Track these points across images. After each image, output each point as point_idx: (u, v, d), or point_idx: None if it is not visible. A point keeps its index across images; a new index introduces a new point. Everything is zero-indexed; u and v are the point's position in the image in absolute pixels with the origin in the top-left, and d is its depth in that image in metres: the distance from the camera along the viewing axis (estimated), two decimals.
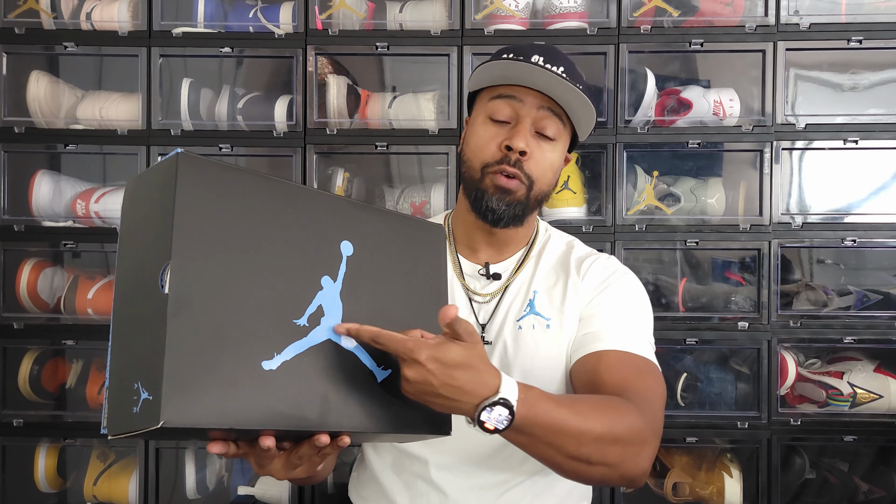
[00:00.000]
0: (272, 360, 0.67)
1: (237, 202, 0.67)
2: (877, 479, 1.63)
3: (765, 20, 1.54)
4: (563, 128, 1.02)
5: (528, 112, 1.00)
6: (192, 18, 1.61)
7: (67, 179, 1.68)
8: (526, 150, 0.98)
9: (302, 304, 0.71)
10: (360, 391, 0.74)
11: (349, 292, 0.75)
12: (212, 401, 0.61)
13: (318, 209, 0.74)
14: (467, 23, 1.56)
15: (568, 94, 0.99)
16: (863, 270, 1.74)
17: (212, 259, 0.64)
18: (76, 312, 1.62)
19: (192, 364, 0.61)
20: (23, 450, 1.65)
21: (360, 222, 0.78)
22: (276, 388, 0.66)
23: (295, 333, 0.69)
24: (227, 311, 0.64)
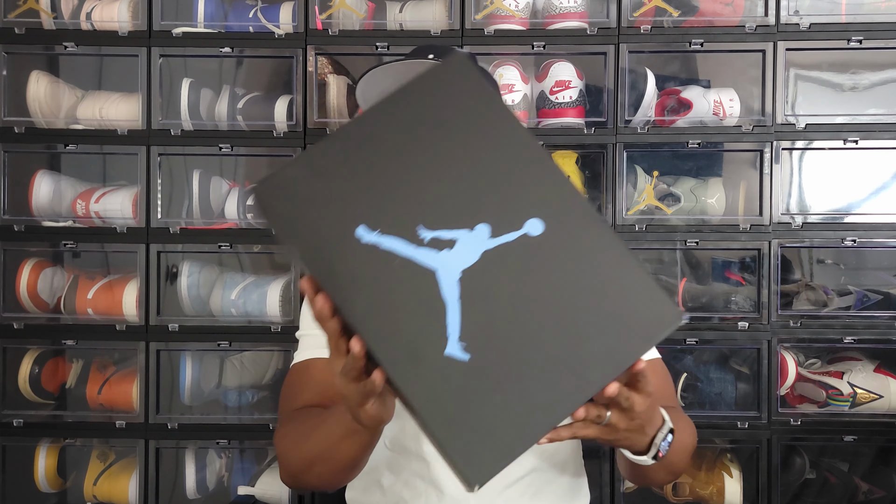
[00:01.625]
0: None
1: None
2: (877, 479, 1.63)
3: (765, 20, 1.54)
4: None
5: None
6: (192, 18, 1.61)
7: (67, 179, 1.68)
8: None
9: (440, 222, 0.64)
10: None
11: (501, 265, 0.63)
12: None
13: (528, 167, 0.67)
14: (467, 23, 1.56)
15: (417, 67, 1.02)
16: (863, 270, 1.74)
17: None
18: (76, 312, 1.62)
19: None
20: (23, 450, 1.65)
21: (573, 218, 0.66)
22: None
23: (411, 236, 0.64)
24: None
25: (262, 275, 1.67)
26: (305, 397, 0.96)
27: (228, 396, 1.68)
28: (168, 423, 1.59)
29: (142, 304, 1.59)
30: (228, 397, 1.68)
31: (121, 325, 1.59)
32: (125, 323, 1.59)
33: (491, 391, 0.60)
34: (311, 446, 0.87)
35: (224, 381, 1.67)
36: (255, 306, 1.60)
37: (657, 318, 0.63)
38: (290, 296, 1.60)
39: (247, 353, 1.68)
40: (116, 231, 1.59)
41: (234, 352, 1.66)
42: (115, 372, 1.66)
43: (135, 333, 1.59)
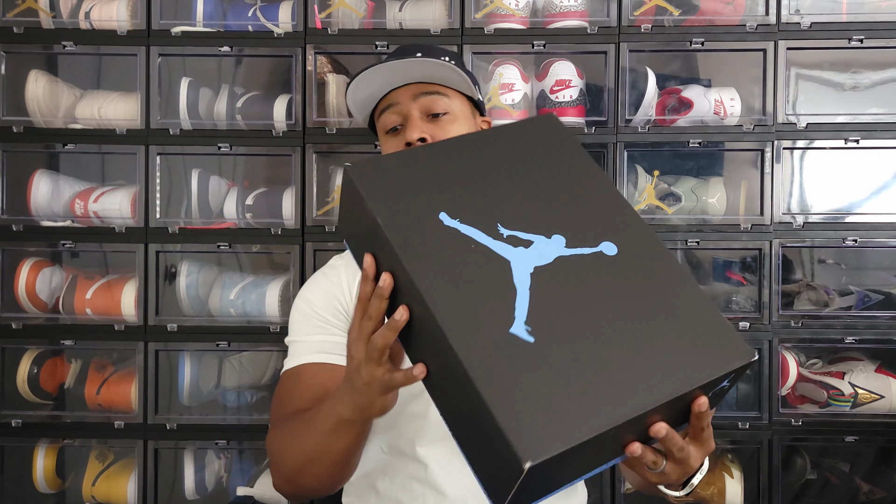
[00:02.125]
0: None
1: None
2: (878, 479, 1.62)
3: (766, 19, 1.54)
4: (449, 100, 1.06)
5: (409, 106, 1.04)
6: (190, 17, 1.61)
7: (66, 179, 1.68)
8: (423, 136, 1.02)
9: (519, 224, 0.68)
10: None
11: (575, 271, 0.66)
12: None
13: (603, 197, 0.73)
14: (467, 22, 1.56)
15: (423, 67, 1.03)
16: (864, 270, 1.73)
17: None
18: (75, 312, 1.61)
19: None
20: (21, 450, 1.64)
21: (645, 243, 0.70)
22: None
23: (490, 230, 0.67)
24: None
25: (260, 275, 1.66)
26: (298, 403, 0.95)
27: (227, 397, 1.68)
28: (167, 423, 1.58)
29: (140, 304, 1.59)
30: (227, 398, 1.68)
31: (119, 325, 1.58)
32: (124, 323, 1.59)
33: (554, 375, 0.60)
34: (303, 444, 0.86)
35: (223, 382, 1.67)
36: (254, 306, 1.60)
37: (730, 350, 0.65)
38: (288, 296, 1.60)
39: (245, 353, 1.67)
40: (115, 231, 1.59)
41: (232, 352, 1.65)
42: (113, 372, 1.65)
43: (133, 333, 1.58)
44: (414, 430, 1.01)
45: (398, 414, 1.01)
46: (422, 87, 1.05)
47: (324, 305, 1.02)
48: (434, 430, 1.00)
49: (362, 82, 1.05)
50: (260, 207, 1.62)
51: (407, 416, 1.01)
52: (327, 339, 1.00)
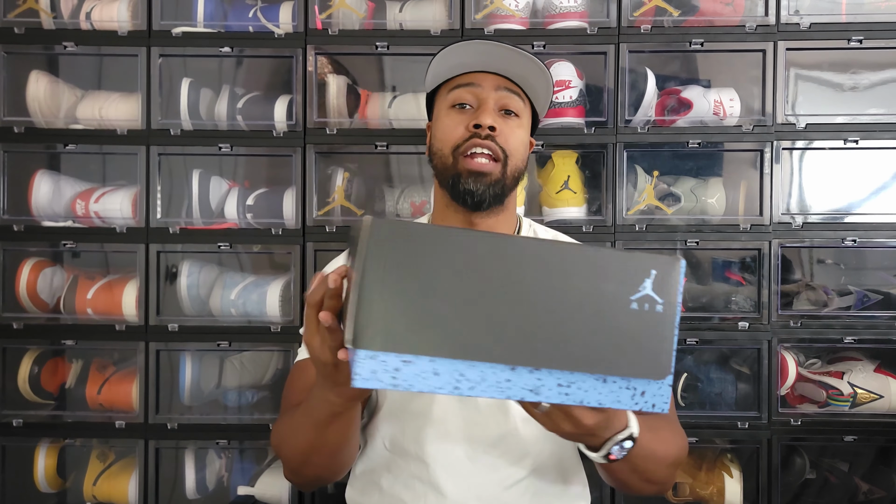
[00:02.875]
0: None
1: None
2: (877, 479, 1.63)
3: (765, 20, 1.54)
4: (523, 105, 1.05)
5: (488, 94, 1.02)
6: (191, 18, 1.61)
7: (67, 179, 1.68)
8: (494, 125, 1.00)
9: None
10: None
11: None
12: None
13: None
14: (467, 22, 1.56)
15: (522, 64, 1.01)
16: (863, 270, 1.74)
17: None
18: (76, 312, 1.62)
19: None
20: (22, 450, 1.65)
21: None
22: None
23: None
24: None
25: (261, 275, 1.67)
26: (301, 396, 0.96)
27: (228, 396, 1.68)
28: (168, 423, 1.58)
29: (141, 304, 1.59)
30: (228, 397, 1.68)
31: (120, 325, 1.59)
32: (125, 323, 1.59)
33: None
34: (301, 438, 0.88)
35: (224, 382, 1.67)
36: (255, 306, 1.60)
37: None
38: (289, 296, 1.60)
39: (246, 353, 1.67)
40: (116, 231, 1.59)
41: (233, 352, 1.65)
42: (114, 372, 1.66)
43: (134, 333, 1.59)
44: (416, 429, 1.01)
45: (400, 412, 1.02)
46: (506, 83, 1.03)
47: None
48: (437, 428, 1.00)
49: (465, 49, 1.01)
50: (260, 208, 1.62)
51: (409, 414, 1.02)
52: None
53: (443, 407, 1.01)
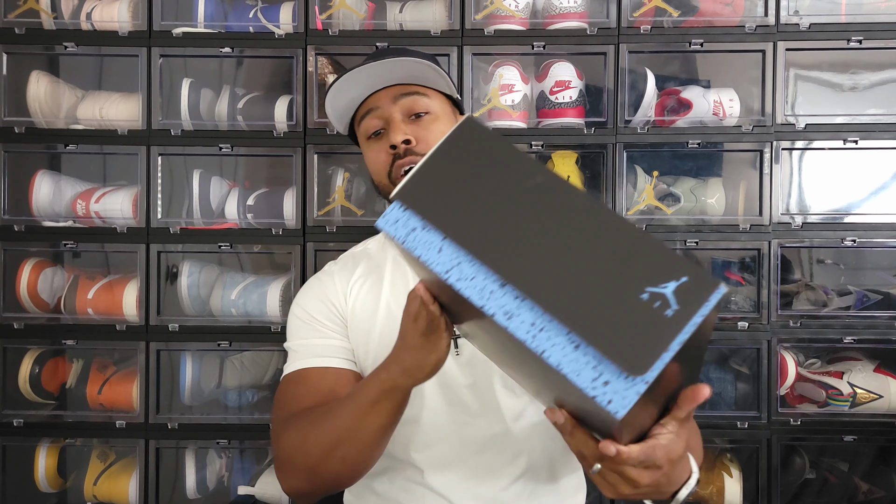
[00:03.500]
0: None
1: None
2: (876, 478, 1.63)
3: (765, 20, 1.54)
4: (429, 99, 1.05)
5: (389, 109, 1.03)
6: (192, 18, 1.61)
7: (67, 179, 1.68)
8: (407, 137, 1.01)
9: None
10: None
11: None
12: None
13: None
14: (467, 23, 1.56)
15: (404, 67, 1.02)
16: (862, 270, 1.74)
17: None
18: (76, 312, 1.62)
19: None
20: (23, 450, 1.65)
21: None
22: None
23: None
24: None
25: (262, 275, 1.67)
26: (305, 404, 0.94)
27: (228, 396, 1.68)
28: (168, 423, 1.59)
29: (142, 304, 1.59)
30: (228, 397, 1.68)
31: (121, 325, 1.59)
32: (125, 323, 1.59)
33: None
34: (335, 425, 0.85)
35: (224, 381, 1.67)
36: (255, 306, 1.60)
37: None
38: (289, 296, 1.60)
39: (247, 353, 1.68)
40: (116, 231, 1.59)
41: (234, 352, 1.66)
42: (115, 372, 1.66)
43: (135, 333, 1.59)
44: (407, 435, 1.01)
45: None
46: (402, 89, 1.03)
47: (320, 310, 1.03)
48: (427, 434, 1.00)
49: (344, 86, 1.02)
50: (261, 208, 1.62)
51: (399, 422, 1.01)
52: (326, 342, 1.01)
53: (432, 412, 1.00)
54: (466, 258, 0.60)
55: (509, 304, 0.58)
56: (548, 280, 0.57)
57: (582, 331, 0.55)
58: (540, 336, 0.57)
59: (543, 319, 0.57)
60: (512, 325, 0.58)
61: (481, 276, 0.60)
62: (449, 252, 0.61)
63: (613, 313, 0.56)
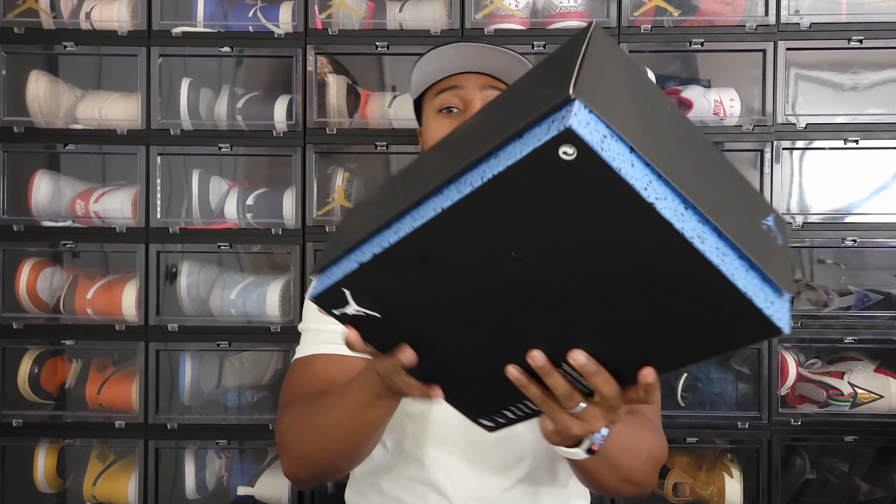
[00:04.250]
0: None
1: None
2: (877, 479, 1.63)
3: (765, 20, 1.54)
4: None
5: (474, 94, 1.01)
6: (191, 18, 1.61)
7: (67, 179, 1.68)
8: None
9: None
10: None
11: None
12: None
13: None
14: (467, 22, 1.56)
15: (503, 60, 1.01)
16: (863, 270, 1.74)
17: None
18: (76, 312, 1.61)
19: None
20: (22, 450, 1.65)
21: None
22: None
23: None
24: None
25: (261, 275, 1.67)
26: (307, 391, 0.94)
27: (228, 397, 1.68)
28: (167, 423, 1.58)
29: (141, 304, 1.59)
30: (228, 397, 1.68)
31: (120, 325, 1.59)
32: (124, 323, 1.59)
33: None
34: (329, 419, 0.85)
35: (223, 382, 1.67)
36: (255, 306, 1.60)
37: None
38: (289, 296, 1.60)
39: (246, 353, 1.67)
40: (116, 231, 1.59)
41: (233, 352, 1.65)
42: (114, 372, 1.65)
43: (134, 333, 1.59)
44: (416, 431, 1.01)
45: (400, 414, 1.02)
46: (491, 81, 1.02)
47: None
48: (436, 430, 1.00)
49: (445, 52, 1.01)
50: (260, 207, 1.62)
51: (408, 416, 1.01)
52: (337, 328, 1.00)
53: (442, 409, 1.00)
54: (654, 175, 0.51)
55: (697, 228, 0.52)
56: (716, 204, 0.53)
57: (752, 254, 0.53)
58: (725, 260, 0.52)
59: (723, 244, 0.53)
60: (705, 248, 0.51)
61: (670, 197, 0.51)
62: (640, 167, 0.50)
63: (761, 239, 0.55)
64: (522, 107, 0.50)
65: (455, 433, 1.00)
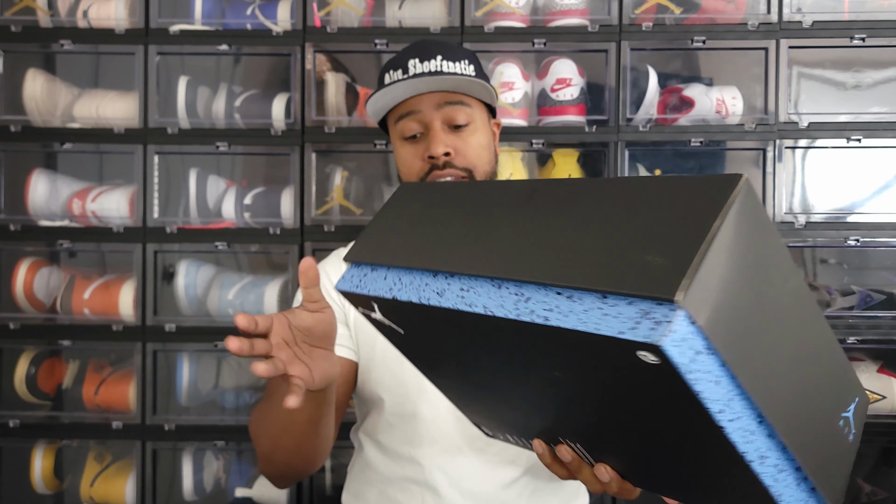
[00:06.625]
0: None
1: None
2: (880, 480, 1.62)
3: (767, 18, 1.53)
4: (471, 109, 1.04)
5: (431, 116, 1.02)
6: (189, 16, 1.60)
7: (64, 178, 1.67)
8: (448, 150, 1.00)
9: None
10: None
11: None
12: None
13: None
14: (467, 20, 1.55)
15: (454, 83, 1.01)
16: (866, 270, 1.73)
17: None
18: (72, 312, 1.60)
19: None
20: (19, 451, 1.64)
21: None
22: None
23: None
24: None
25: (259, 275, 1.65)
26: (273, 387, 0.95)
27: (226, 397, 1.67)
28: (165, 424, 1.57)
29: (138, 304, 1.58)
30: (226, 398, 1.67)
31: (117, 325, 1.58)
32: (122, 323, 1.58)
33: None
34: (274, 419, 0.86)
35: (221, 382, 1.66)
36: (253, 306, 1.59)
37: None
38: (287, 296, 1.59)
39: None
40: (113, 230, 1.58)
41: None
42: (111, 373, 1.64)
43: (131, 334, 1.58)
44: (408, 432, 1.00)
45: (393, 415, 1.01)
46: (446, 97, 1.02)
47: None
48: (429, 430, 1.00)
49: (389, 91, 1.01)
50: (258, 207, 1.61)
51: (399, 417, 1.01)
52: None
53: (433, 408, 1.00)
54: (737, 392, 0.46)
55: (763, 446, 0.49)
56: (794, 412, 0.49)
57: (811, 471, 0.51)
58: (780, 478, 0.50)
59: (784, 459, 0.50)
60: (762, 469, 0.49)
61: (746, 415, 0.47)
62: (726, 385, 0.45)
63: (830, 442, 0.52)
64: (628, 256, 0.43)
65: (451, 431, 0.99)
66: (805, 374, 0.50)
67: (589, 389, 0.51)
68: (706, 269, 0.41)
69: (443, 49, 1.04)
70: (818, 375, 0.52)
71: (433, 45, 1.04)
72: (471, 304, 0.50)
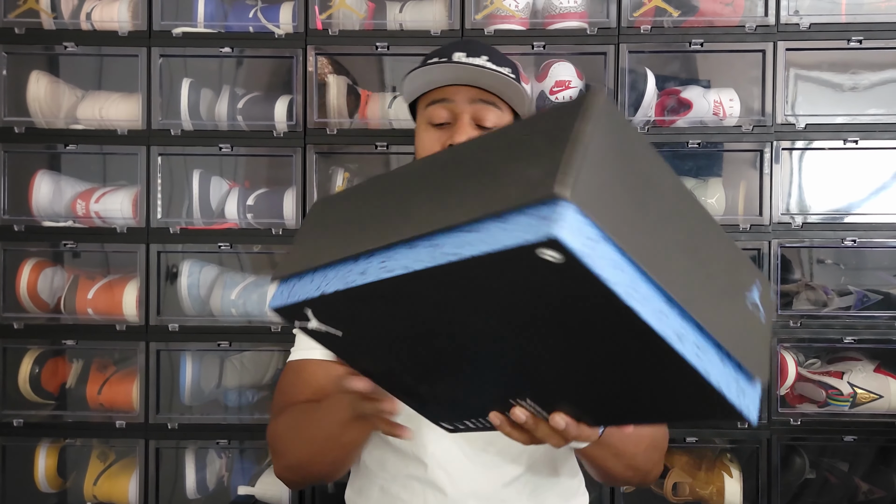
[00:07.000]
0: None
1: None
2: (877, 479, 1.63)
3: (765, 20, 1.54)
4: (501, 113, 1.04)
5: (463, 108, 1.02)
6: (192, 18, 1.61)
7: (67, 179, 1.68)
8: None
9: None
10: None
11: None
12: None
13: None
14: (467, 23, 1.56)
15: (494, 80, 1.01)
16: (863, 270, 1.74)
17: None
18: (76, 312, 1.62)
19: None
20: (23, 450, 1.65)
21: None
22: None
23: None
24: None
25: (262, 275, 1.67)
26: (297, 397, 0.96)
27: (228, 396, 1.68)
28: (168, 423, 1.59)
29: (142, 304, 1.59)
30: (228, 397, 1.68)
31: (121, 325, 1.59)
32: (125, 323, 1.59)
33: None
34: (317, 434, 0.87)
35: (224, 382, 1.67)
36: (256, 306, 1.60)
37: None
38: None
39: (247, 353, 1.68)
40: (116, 231, 1.59)
41: (234, 352, 1.66)
42: (115, 372, 1.66)
43: (135, 333, 1.59)
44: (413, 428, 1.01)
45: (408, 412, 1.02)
46: (481, 94, 1.02)
47: None
48: (433, 427, 1.00)
49: (432, 70, 1.01)
50: (261, 208, 1.62)
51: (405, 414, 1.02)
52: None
53: None
54: (641, 276, 0.49)
55: (678, 326, 0.51)
56: (700, 293, 0.53)
57: (730, 345, 0.53)
58: (702, 356, 0.52)
59: (702, 338, 0.53)
60: (683, 348, 0.51)
61: (654, 297, 0.50)
62: (628, 271, 0.48)
63: (743, 322, 0.56)
64: (511, 177, 0.47)
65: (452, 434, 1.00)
66: (699, 257, 0.54)
67: (522, 330, 0.54)
68: (580, 164, 0.45)
69: (489, 51, 1.04)
70: (712, 258, 0.55)
71: (480, 46, 1.04)
72: (392, 270, 0.52)
